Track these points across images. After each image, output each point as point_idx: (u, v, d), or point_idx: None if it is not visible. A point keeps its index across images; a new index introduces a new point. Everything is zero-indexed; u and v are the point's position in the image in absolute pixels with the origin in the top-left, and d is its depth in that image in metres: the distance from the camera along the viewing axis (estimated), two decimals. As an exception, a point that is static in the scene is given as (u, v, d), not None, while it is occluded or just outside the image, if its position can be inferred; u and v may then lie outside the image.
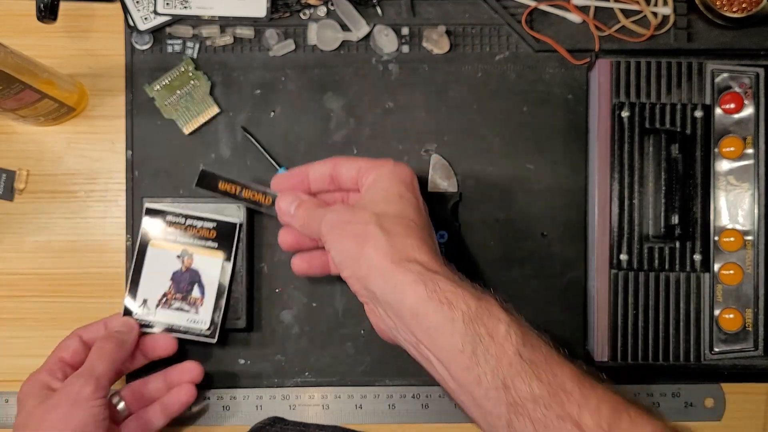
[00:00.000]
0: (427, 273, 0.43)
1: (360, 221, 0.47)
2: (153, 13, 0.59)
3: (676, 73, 0.56)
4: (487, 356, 0.41)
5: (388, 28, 0.59)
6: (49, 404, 0.49)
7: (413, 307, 0.43)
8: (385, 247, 0.45)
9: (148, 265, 0.56)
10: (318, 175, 0.52)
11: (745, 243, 0.55)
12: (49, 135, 0.60)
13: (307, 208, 0.51)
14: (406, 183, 0.49)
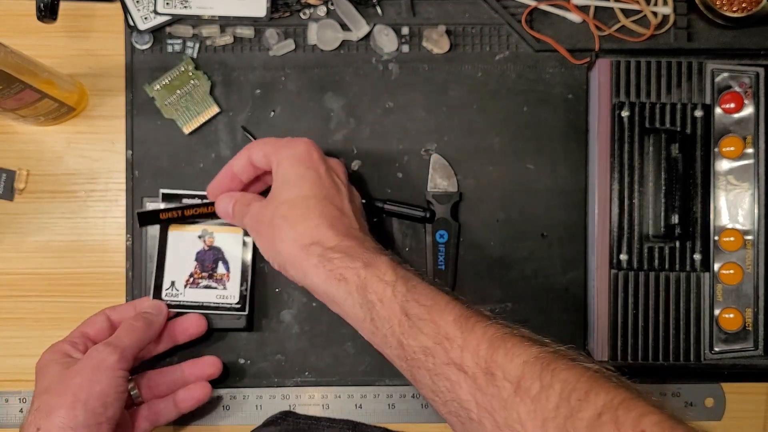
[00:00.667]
0: (325, 252, 0.46)
1: (268, 217, 0.49)
2: (153, 12, 0.59)
3: (676, 73, 0.56)
4: (382, 320, 0.43)
5: (388, 28, 0.59)
6: (73, 370, 0.49)
7: (320, 288, 0.46)
8: (290, 235, 0.47)
9: (171, 248, 0.57)
10: (240, 168, 0.53)
11: (745, 243, 0.56)
12: (49, 135, 0.60)
13: (239, 208, 0.53)
14: (303, 161, 0.50)
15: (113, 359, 0.50)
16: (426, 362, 0.41)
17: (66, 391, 0.48)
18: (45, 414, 0.47)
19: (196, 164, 0.59)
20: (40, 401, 0.48)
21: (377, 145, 0.60)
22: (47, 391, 0.49)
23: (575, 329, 0.59)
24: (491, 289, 0.59)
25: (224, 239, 0.58)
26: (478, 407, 0.39)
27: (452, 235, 0.59)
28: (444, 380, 0.40)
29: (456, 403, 0.40)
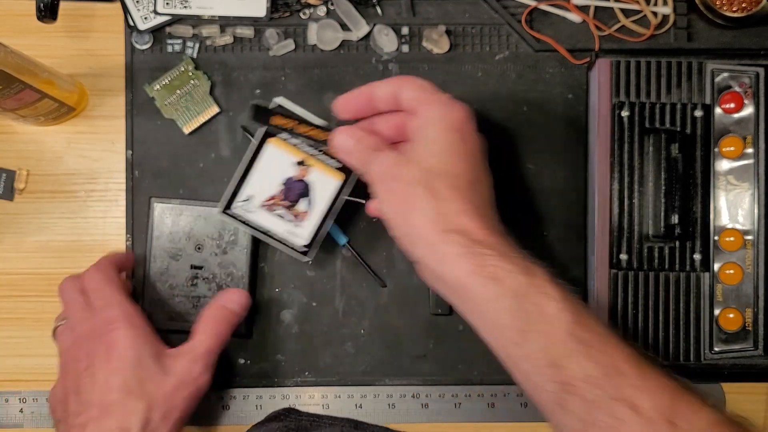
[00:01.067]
0: (473, 245, 0.42)
1: (406, 180, 0.44)
2: (153, 12, 0.59)
3: (676, 73, 0.56)
4: (537, 334, 0.40)
5: (388, 28, 0.59)
6: (170, 380, 0.49)
7: (458, 280, 0.42)
8: (430, 214, 0.43)
9: (263, 162, 0.54)
10: (383, 93, 0.49)
11: (745, 242, 0.56)
12: (49, 135, 0.60)
13: (361, 149, 0.48)
14: (456, 128, 0.46)
15: (206, 381, 0.51)
16: (586, 391, 0.38)
17: (173, 413, 0.49)
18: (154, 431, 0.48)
19: (196, 164, 0.59)
20: (145, 410, 0.48)
21: (377, 145, 0.60)
22: (151, 401, 0.48)
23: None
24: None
25: (319, 178, 0.54)
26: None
27: (452, 235, 0.59)
28: (606, 415, 0.37)
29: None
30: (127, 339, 0.49)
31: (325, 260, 0.59)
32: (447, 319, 0.59)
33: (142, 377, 0.49)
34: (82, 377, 0.49)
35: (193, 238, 0.58)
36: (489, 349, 0.59)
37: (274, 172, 0.54)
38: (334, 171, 0.54)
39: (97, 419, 0.47)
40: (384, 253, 0.59)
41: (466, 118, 0.46)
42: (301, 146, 0.53)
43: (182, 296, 0.57)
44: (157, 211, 0.58)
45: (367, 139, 0.49)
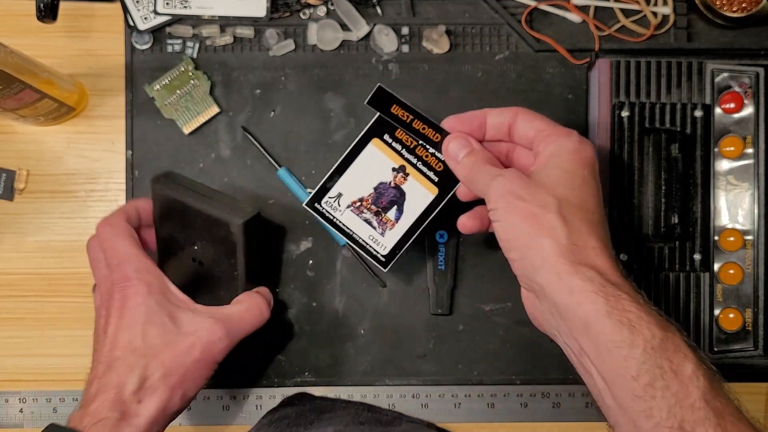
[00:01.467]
0: (609, 285, 0.40)
1: (537, 202, 0.42)
2: (153, 12, 0.59)
3: (676, 73, 0.56)
4: (666, 393, 0.37)
5: (388, 28, 0.59)
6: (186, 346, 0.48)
7: (587, 318, 0.40)
8: (564, 243, 0.41)
9: (361, 161, 0.51)
10: (497, 122, 0.48)
11: (745, 242, 0.56)
12: (49, 135, 0.60)
13: (476, 160, 0.47)
14: (590, 165, 0.45)
15: (223, 349, 0.49)
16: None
17: (175, 373, 0.47)
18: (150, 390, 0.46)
19: (196, 164, 0.59)
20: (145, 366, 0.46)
21: (377, 145, 0.60)
22: (155, 358, 0.47)
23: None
24: (491, 289, 0.59)
25: (415, 188, 0.51)
26: None
27: (452, 235, 0.59)
28: None
29: None
30: (138, 296, 0.48)
31: (325, 260, 0.59)
32: (447, 319, 0.59)
33: (151, 334, 0.47)
34: (99, 335, 0.49)
35: (190, 230, 0.53)
36: (489, 350, 0.59)
37: (370, 174, 0.51)
38: (430, 184, 0.51)
39: (100, 375, 0.46)
40: (384, 253, 0.59)
41: (595, 158, 0.46)
42: (402, 152, 0.51)
43: (181, 288, 0.51)
44: (153, 194, 0.54)
45: (483, 152, 0.48)
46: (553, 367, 0.59)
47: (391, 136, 0.51)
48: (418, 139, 0.50)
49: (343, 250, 0.59)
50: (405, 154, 0.51)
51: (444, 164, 0.50)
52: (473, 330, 0.59)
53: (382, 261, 0.52)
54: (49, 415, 0.59)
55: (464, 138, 0.49)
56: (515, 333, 0.59)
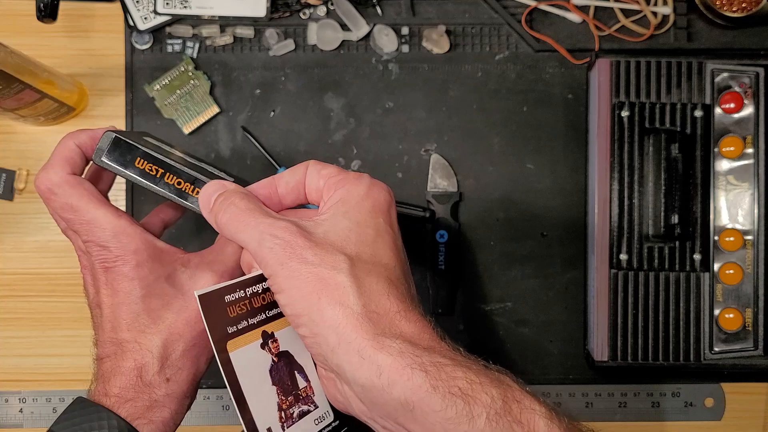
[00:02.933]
0: (424, 354, 0.34)
1: (324, 265, 0.35)
2: (153, 12, 0.59)
3: (675, 73, 0.56)
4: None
5: (388, 28, 0.59)
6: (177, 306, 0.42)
7: (407, 400, 0.33)
8: (360, 311, 0.34)
9: (242, 375, 0.38)
10: (288, 188, 0.40)
11: (744, 243, 0.55)
12: (49, 135, 0.60)
13: (227, 204, 0.38)
14: (383, 212, 0.38)
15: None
16: None
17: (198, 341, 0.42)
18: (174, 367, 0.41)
19: (196, 164, 0.59)
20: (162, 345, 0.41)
21: (377, 145, 0.60)
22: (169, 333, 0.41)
23: (575, 329, 0.59)
24: (491, 289, 0.59)
25: (286, 337, 0.40)
26: None
27: (452, 235, 0.59)
28: None
29: None
30: (128, 267, 0.41)
31: (325, 260, 0.59)
32: (447, 319, 0.59)
33: (155, 307, 0.41)
34: (93, 308, 0.43)
35: None
36: (489, 350, 0.59)
37: (258, 378, 0.38)
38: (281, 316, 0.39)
39: (112, 356, 0.41)
40: (384, 253, 0.59)
41: (390, 202, 0.39)
42: (250, 321, 0.38)
43: None
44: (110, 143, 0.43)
45: (241, 195, 0.39)
46: (553, 367, 0.59)
47: (231, 321, 0.37)
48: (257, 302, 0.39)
49: (343, 250, 0.59)
50: (251, 321, 0.38)
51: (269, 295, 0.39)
52: (473, 330, 0.59)
53: (336, 425, 0.41)
54: (49, 415, 0.59)
55: (217, 182, 0.40)
56: (515, 333, 0.59)
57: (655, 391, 0.59)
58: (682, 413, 0.59)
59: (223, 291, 0.37)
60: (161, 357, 0.41)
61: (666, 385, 0.59)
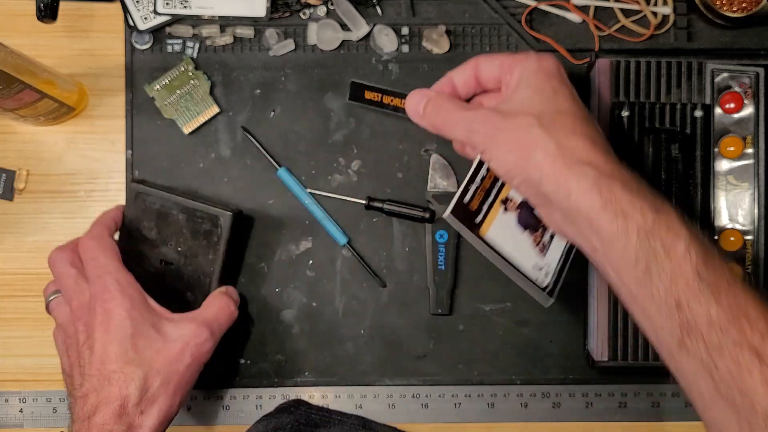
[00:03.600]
0: (602, 178, 0.41)
1: (518, 127, 0.44)
2: (153, 12, 0.59)
3: (675, 73, 0.56)
4: (662, 273, 0.39)
5: (388, 28, 0.59)
6: (175, 352, 0.49)
7: (588, 215, 0.41)
8: (554, 150, 0.42)
9: (502, 247, 0.48)
10: (463, 79, 0.49)
11: (744, 243, 0.56)
12: (49, 135, 0.60)
13: (439, 108, 0.48)
14: (555, 76, 0.46)
15: (209, 349, 0.51)
16: (709, 334, 0.37)
17: (173, 379, 0.49)
18: (151, 401, 0.48)
19: (196, 164, 0.59)
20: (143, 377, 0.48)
21: (377, 145, 0.60)
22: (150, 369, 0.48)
23: (575, 329, 0.59)
24: (491, 289, 0.59)
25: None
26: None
27: (452, 235, 0.59)
28: (729, 361, 0.36)
29: (738, 389, 0.36)
30: (122, 309, 0.49)
31: (325, 260, 0.59)
32: (447, 319, 0.59)
33: (141, 345, 0.49)
34: (83, 350, 0.49)
35: (167, 232, 0.56)
36: (489, 350, 0.59)
37: (512, 236, 0.48)
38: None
39: (98, 389, 0.47)
40: (384, 253, 0.59)
41: (560, 66, 0.47)
42: (488, 197, 0.48)
43: (148, 291, 0.52)
44: (135, 196, 0.56)
45: (442, 98, 0.48)
46: (553, 367, 0.59)
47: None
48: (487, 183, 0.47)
49: (343, 250, 0.59)
50: (492, 200, 0.47)
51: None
52: (473, 330, 0.59)
53: (549, 291, 0.48)
54: (49, 415, 0.59)
55: (418, 91, 0.49)
56: (515, 333, 0.59)
57: (655, 391, 0.59)
58: (682, 413, 0.59)
59: (462, 195, 0.46)
60: (142, 388, 0.48)
61: (666, 385, 0.59)
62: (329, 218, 0.59)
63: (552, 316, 0.59)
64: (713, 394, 0.37)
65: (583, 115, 0.45)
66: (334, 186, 0.60)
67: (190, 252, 0.56)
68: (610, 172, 0.41)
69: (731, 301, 0.37)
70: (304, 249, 0.59)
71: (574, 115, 0.44)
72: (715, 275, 0.38)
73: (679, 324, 0.38)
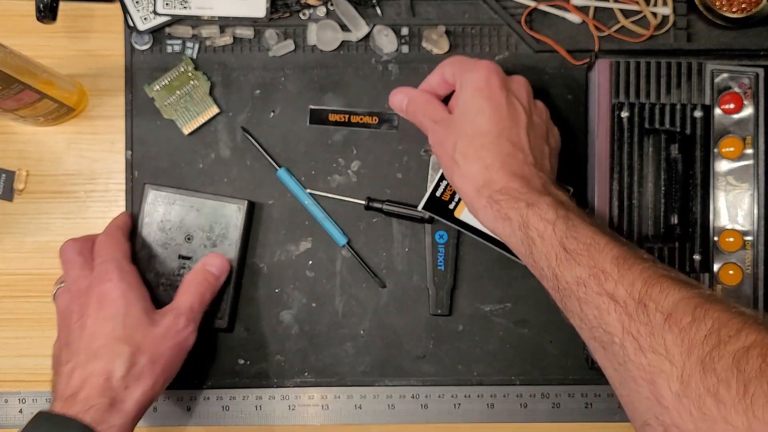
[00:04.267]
0: (493, 194, 0.48)
1: (449, 148, 0.51)
2: (153, 13, 0.59)
3: (675, 74, 0.56)
4: (540, 255, 0.46)
5: (387, 29, 0.59)
6: (160, 335, 0.52)
7: (490, 227, 0.50)
8: (466, 176, 0.50)
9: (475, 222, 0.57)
10: (436, 83, 0.54)
11: (744, 243, 0.56)
12: (48, 135, 0.60)
13: (416, 109, 0.54)
14: (482, 89, 0.50)
15: (190, 333, 0.53)
16: (577, 291, 0.44)
17: (159, 360, 0.51)
18: (136, 377, 0.50)
19: (196, 165, 0.59)
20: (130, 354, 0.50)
21: (377, 145, 0.60)
22: (137, 347, 0.50)
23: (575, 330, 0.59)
24: (491, 289, 0.59)
25: None
26: (623, 332, 0.41)
27: (452, 236, 0.59)
28: (593, 309, 0.43)
29: (602, 329, 0.42)
30: (119, 290, 0.51)
31: (325, 261, 0.59)
32: (447, 319, 0.59)
33: (130, 325, 0.51)
34: (74, 328, 0.51)
35: (184, 228, 0.58)
36: (489, 350, 0.59)
37: None
38: None
39: (83, 364, 0.49)
40: (384, 254, 0.59)
41: (487, 76, 0.51)
42: None
43: (167, 285, 0.57)
44: (150, 197, 0.58)
45: (418, 98, 0.55)
46: (553, 368, 0.59)
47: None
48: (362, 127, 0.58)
49: (342, 250, 0.59)
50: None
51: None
52: (473, 330, 0.59)
53: None
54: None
55: (401, 90, 0.56)
56: (515, 333, 0.59)
57: (655, 391, 0.59)
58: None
59: (434, 191, 0.57)
60: (128, 363, 0.49)
61: (665, 386, 0.59)
62: (329, 219, 0.59)
63: (552, 316, 0.59)
64: (587, 335, 0.44)
65: (499, 131, 0.50)
66: (333, 186, 0.60)
67: (208, 243, 0.58)
68: (502, 185, 0.48)
69: (590, 262, 0.44)
70: (303, 249, 0.59)
71: (487, 135, 0.50)
72: (577, 244, 0.45)
73: (558, 291, 0.46)
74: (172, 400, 0.59)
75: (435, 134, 0.53)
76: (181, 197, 0.58)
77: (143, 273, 0.57)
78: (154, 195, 0.58)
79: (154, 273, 0.58)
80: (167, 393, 0.59)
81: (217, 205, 0.58)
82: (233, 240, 0.58)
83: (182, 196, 0.58)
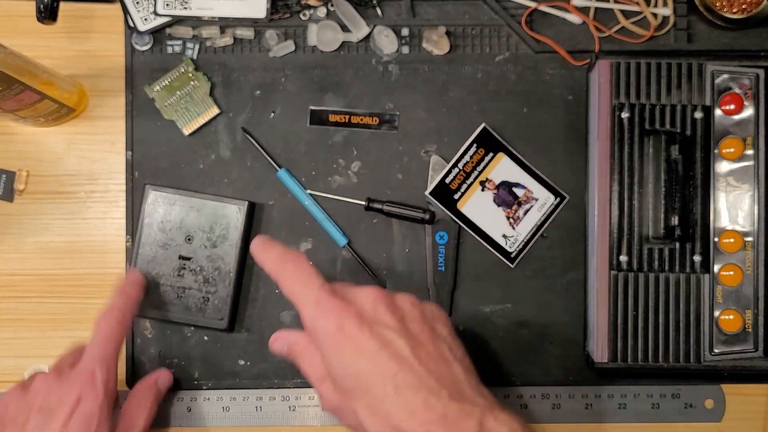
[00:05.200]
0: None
1: (348, 410, 0.45)
2: (153, 13, 0.59)
3: (676, 74, 0.56)
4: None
5: (388, 29, 0.59)
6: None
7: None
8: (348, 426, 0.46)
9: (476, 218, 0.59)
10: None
11: (744, 244, 0.55)
12: (49, 136, 0.60)
13: (297, 351, 0.50)
14: (339, 340, 0.45)
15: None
16: None
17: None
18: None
19: (196, 165, 0.59)
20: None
21: (377, 145, 0.60)
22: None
23: (575, 330, 0.59)
24: (491, 290, 0.59)
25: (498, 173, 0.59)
26: None
27: (452, 237, 0.59)
28: None
29: None
30: (95, 403, 0.50)
31: (325, 261, 0.59)
32: (447, 320, 0.59)
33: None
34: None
35: (184, 228, 0.58)
36: (489, 351, 0.59)
37: (485, 211, 0.59)
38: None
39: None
40: (384, 254, 0.59)
41: (339, 324, 0.44)
42: (468, 178, 0.58)
43: (168, 286, 0.58)
44: (150, 198, 0.58)
45: (297, 344, 0.49)
46: (553, 369, 0.59)
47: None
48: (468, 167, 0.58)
49: (342, 251, 0.59)
50: (472, 180, 0.59)
51: None
52: (473, 331, 0.59)
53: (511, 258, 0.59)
54: None
55: (276, 342, 0.51)
56: (515, 334, 0.59)
57: (655, 392, 0.59)
58: (682, 414, 0.59)
59: (444, 177, 0.58)
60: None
61: (666, 387, 0.59)
62: (329, 219, 0.59)
63: (552, 317, 0.59)
64: None
65: (372, 370, 0.44)
66: (334, 187, 0.60)
67: (208, 244, 0.58)
68: (397, 423, 0.42)
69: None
70: (304, 250, 0.59)
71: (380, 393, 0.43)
72: None
73: None
74: (172, 401, 0.59)
75: (327, 397, 0.47)
76: (182, 198, 0.58)
77: (143, 273, 0.57)
78: (155, 195, 0.58)
79: (155, 274, 0.58)
80: (167, 394, 0.59)
81: (217, 205, 0.58)
82: (233, 241, 0.58)
83: (182, 197, 0.58)
